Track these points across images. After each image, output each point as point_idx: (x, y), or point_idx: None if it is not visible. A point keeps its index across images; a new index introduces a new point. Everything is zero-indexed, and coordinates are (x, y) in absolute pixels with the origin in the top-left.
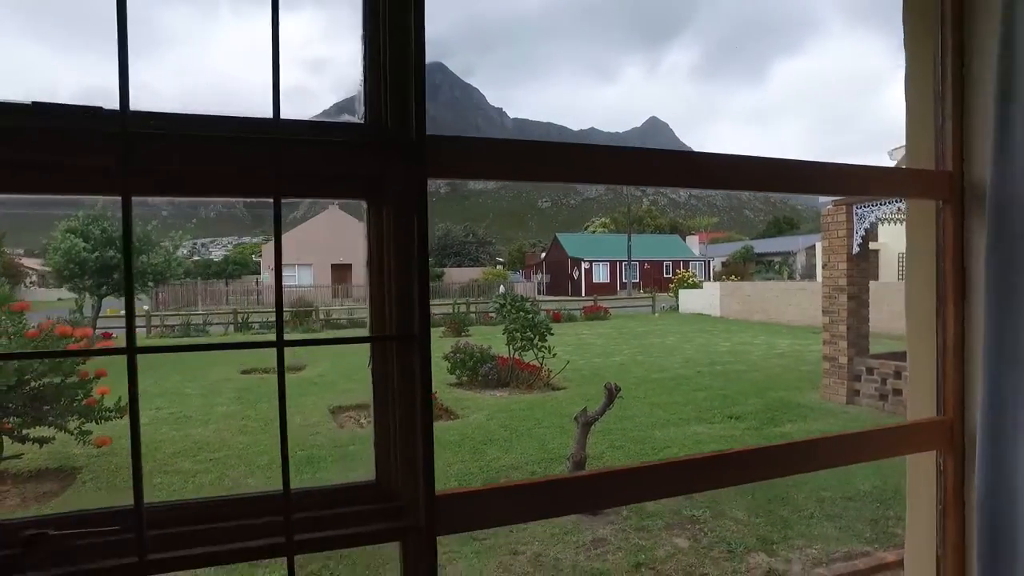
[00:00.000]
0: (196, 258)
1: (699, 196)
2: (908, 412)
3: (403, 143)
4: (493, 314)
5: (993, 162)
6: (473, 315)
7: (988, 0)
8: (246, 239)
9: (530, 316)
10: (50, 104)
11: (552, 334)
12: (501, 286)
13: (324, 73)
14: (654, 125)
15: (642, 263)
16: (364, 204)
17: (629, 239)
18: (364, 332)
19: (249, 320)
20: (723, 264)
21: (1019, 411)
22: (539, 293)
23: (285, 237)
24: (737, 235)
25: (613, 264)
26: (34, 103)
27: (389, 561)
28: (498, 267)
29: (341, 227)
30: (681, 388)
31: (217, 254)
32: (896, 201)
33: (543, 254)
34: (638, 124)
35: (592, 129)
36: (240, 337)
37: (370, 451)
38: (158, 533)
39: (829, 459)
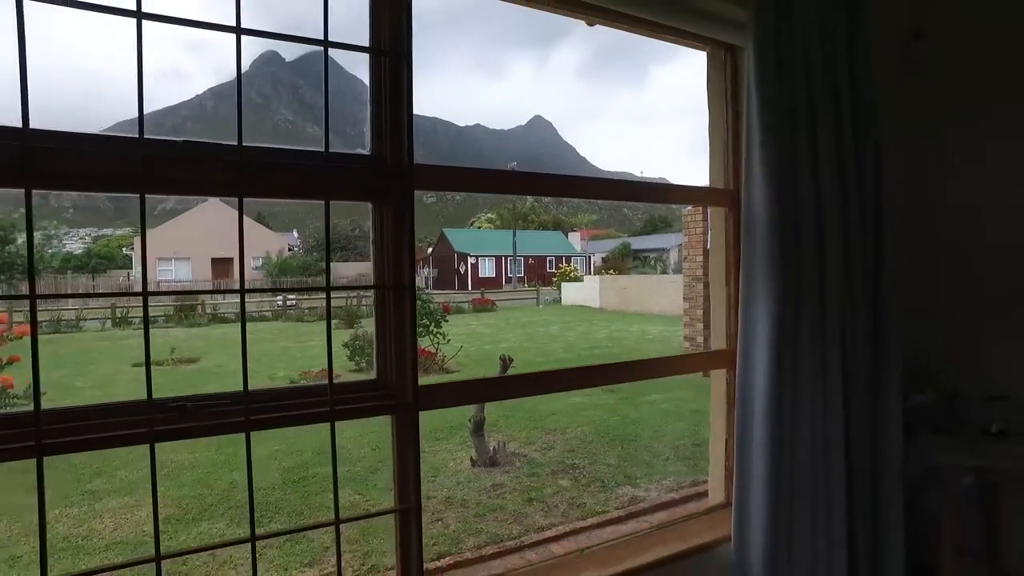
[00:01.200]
0: (50, 250)
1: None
2: (713, 346)
3: (400, 169)
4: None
5: (744, 184)
6: (365, 308)
7: (762, 74)
8: (107, 231)
9: (426, 304)
10: None
11: (446, 321)
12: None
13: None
14: (538, 123)
15: (527, 258)
16: (370, 205)
17: (514, 235)
18: (251, 326)
19: (129, 315)
20: (603, 259)
21: (757, 340)
22: (427, 287)
23: (159, 229)
24: (616, 232)
25: (499, 259)
26: None
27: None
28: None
29: (223, 221)
30: (564, 365)
31: (73, 247)
32: None
33: (430, 249)
34: (523, 122)
35: (477, 126)
36: (124, 332)
37: (373, 358)
38: (256, 406)
39: (663, 370)
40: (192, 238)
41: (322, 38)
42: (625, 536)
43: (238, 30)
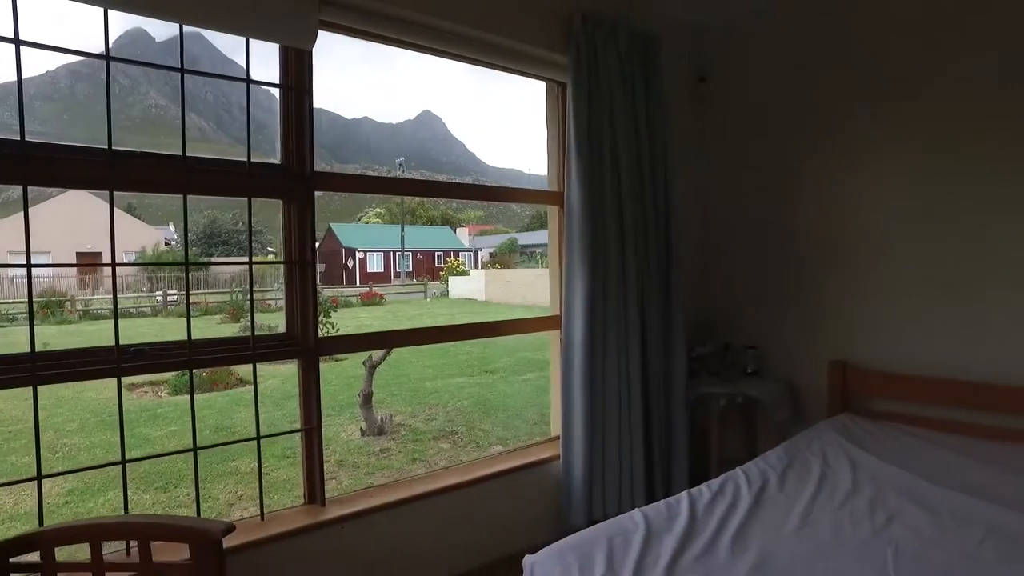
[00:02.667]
0: None
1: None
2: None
3: (304, 175)
4: (271, 302)
5: (566, 187)
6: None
7: (576, 107)
8: None
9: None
10: None
11: (336, 311)
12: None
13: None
14: (428, 118)
15: (416, 253)
16: (281, 201)
17: (403, 230)
18: (129, 322)
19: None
20: (491, 255)
21: (576, 305)
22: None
23: (8, 220)
24: (503, 228)
25: (388, 254)
26: None
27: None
28: (270, 256)
29: (87, 212)
30: (448, 354)
31: None
32: None
33: (317, 244)
34: (412, 116)
35: (366, 118)
36: None
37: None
38: (197, 352)
39: (508, 329)
40: (51, 231)
41: (244, 76)
42: (482, 459)
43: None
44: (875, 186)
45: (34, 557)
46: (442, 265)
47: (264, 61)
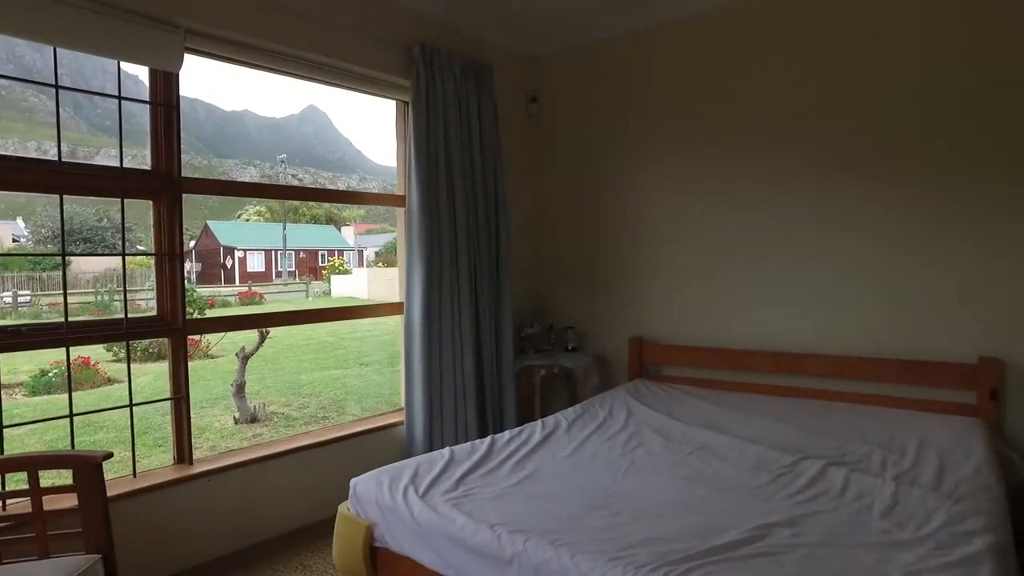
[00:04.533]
0: None
1: (355, 187)
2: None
3: (172, 179)
4: (141, 302)
5: (408, 191)
6: (117, 303)
7: (416, 122)
8: None
9: (189, 293)
10: None
11: (211, 308)
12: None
13: None
14: (312, 113)
15: (298, 252)
16: (151, 202)
17: (284, 228)
18: None
19: None
20: (376, 253)
21: (415, 292)
22: (189, 282)
23: None
24: (391, 227)
25: (269, 253)
26: None
27: None
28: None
29: None
30: (326, 349)
31: None
32: None
33: (192, 242)
34: (296, 112)
35: (246, 111)
36: None
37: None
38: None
39: (360, 314)
40: None
41: (117, 94)
42: (338, 424)
43: None
44: (662, 191)
45: None
46: (325, 264)
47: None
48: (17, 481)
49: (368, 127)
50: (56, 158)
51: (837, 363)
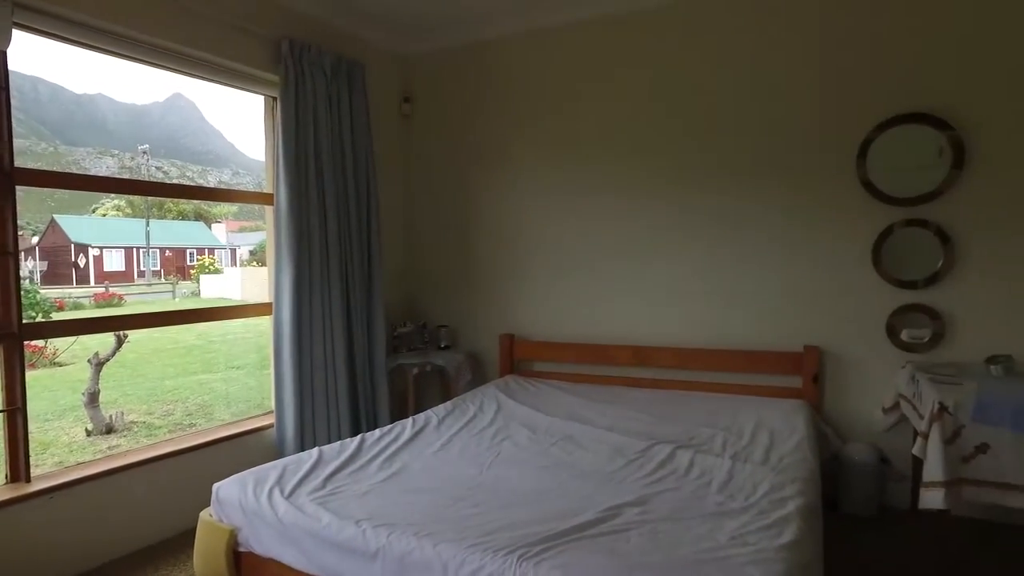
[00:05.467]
0: None
1: (229, 183)
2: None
3: (3, 170)
4: None
5: (276, 189)
6: None
7: (285, 118)
8: None
9: (30, 295)
10: None
11: (59, 311)
12: None
13: None
14: (179, 102)
15: (163, 250)
16: None
17: (147, 224)
18: None
19: None
20: (251, 252)
21: (284, 292)
22: (31, 282)
23: None
24: (264, 225)
25: (130, 251)
26: None
27: None
28: None
29: None
30: (193, 353)
31: None
32: None
33: (35, 239)
34: (160, 99)
35: (100, 95)
36: None
37: None
38: None
39: (226, 315)
40: None
41: None
42: (203, 430)
43: None
44: (532, 194)
45: None
46: (194, 263)
47: None
48: None
49: (240, 119)
50: None
51: (687, 355)
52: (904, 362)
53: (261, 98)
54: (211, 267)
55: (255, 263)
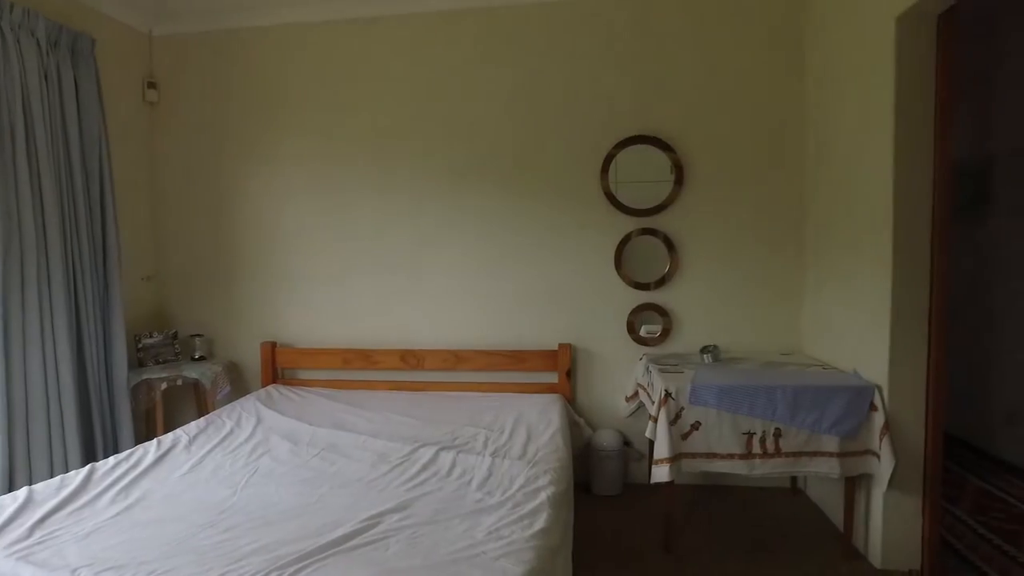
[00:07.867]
0: None
1: None
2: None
3: None
4: None
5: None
6: None
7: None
8: None
9: None
10: None
11: None
12: None
13: None
14: None
15: None
16: None
17: None
18: None
19: None
20: None
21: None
22: None
23: None
24: None
25: None
26: None
27: None
28: None
29: None
30: None
31: None
32: None
33: None
34: None
35: None
36: None
37: None
38: None
39: None
40: None
41: None
42: None
43: None
44: (294, 196)
45: None
46: None
47: None
48: None
49: None
50: None
51: (453, 356)
52: (641, 355)
53: None
54: None
55: None
